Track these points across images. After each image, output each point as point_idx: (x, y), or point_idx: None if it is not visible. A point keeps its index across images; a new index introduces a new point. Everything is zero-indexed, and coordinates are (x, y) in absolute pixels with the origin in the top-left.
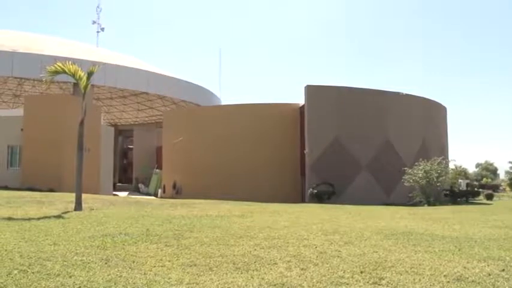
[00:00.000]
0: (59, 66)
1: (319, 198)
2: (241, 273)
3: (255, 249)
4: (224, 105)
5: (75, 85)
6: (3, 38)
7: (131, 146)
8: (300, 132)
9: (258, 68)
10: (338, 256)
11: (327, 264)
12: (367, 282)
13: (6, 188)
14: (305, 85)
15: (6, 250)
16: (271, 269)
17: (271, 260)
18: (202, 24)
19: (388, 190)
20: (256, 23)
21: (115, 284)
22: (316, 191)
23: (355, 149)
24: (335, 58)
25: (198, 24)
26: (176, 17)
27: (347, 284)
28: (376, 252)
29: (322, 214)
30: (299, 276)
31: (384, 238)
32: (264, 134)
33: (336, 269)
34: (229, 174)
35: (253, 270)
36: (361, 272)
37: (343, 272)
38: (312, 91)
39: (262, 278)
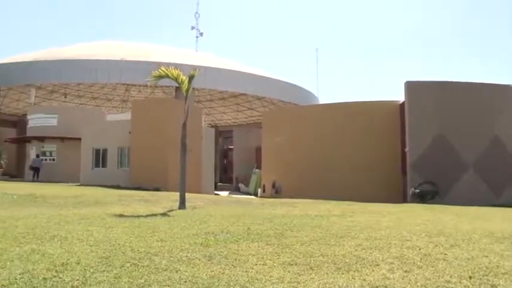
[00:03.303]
0: (162, 71)
1: (422, 198)
2: (342, 273)
3: (356, 250)
4: (322, 104)
5: (177, 89)
6: (113, 48)
7: (231, 146)
8: (401, 130)
9: (356, 65)
10: (444, 259)
11: (432, 267)
12: None
13: (117, 187)
14: (405, 81)
15: (119, 244)
16: (373, 270)
17: (373, 261)
18: (298, 24)
19: (497, 190)
20: (352, 20)
21: (218, 280)
22: (418, 190)
23: (460, 147)
24: (435, 53)
25: (294, 24)
26: (272, 18)
27: None
28: (487, 256)
29: (425, 215)
30: (402, 279)
31: (494, 241)
32: (363, 132)
33: (441, 273)
34: (329, 173)
35: (354, 271)
36: (470, 278)
37: (450, 277)
38: (412, 87)
39: (364, 279)
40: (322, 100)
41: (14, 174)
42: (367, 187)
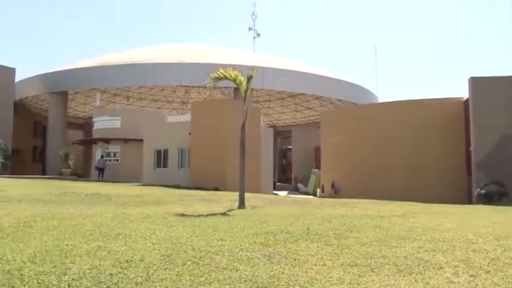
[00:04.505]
0: (221, 72)
1: (489, 199)
2: (404, 276)
3: (418, 252)
4: (381, 102)
5: (236, 90)
6: (171, 51)
7: (290, 146)
8: (465, 128)
9: (415, 62)
10: None
11: (501, 272)
12: None
13: (177, 186)
14: (469, 77)
15: (180, 243)
16: (436, 273)
17: (436, 264)
18: (357, 22)
19: None
20: (411, 15)
21: (278, 279)
22: (484, 191)
23: None
24: (500, 48)
25: (352, 22)
26: (329, 16)
27: None
28: None
29: (492, 217)
30: (468, 283)
31: None
32: (425, 131)
33: None
34: (389, 173)
35: (416, 274)
36: None
37: None
38: (477, 83)
39: (427, 283)
40: (381, 99)
41: (81, 174)
42: (430, 187)
